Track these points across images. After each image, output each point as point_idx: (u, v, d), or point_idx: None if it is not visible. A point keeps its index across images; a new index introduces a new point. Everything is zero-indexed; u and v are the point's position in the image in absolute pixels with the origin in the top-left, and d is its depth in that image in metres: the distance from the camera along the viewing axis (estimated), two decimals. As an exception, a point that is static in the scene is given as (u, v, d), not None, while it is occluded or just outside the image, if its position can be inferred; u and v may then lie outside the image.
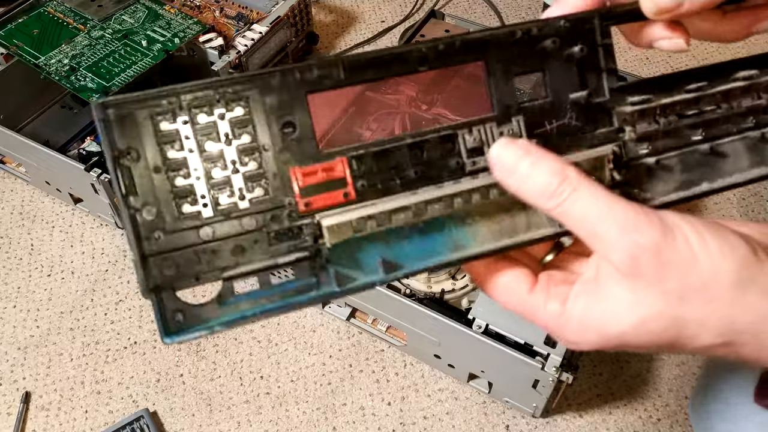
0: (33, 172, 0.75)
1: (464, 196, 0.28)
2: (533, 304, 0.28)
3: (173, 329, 0.25)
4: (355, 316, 0.64)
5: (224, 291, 0.26)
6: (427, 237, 0.28)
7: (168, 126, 0.25)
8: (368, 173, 0.27)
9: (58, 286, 0.69)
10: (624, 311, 0.26)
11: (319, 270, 0.27)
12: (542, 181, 0.26)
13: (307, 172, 0.26)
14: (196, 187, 0.26)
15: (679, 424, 0.57)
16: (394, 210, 0.27)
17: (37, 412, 0.59)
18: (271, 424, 0.58)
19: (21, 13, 0.77)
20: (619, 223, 0.25)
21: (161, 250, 0.25)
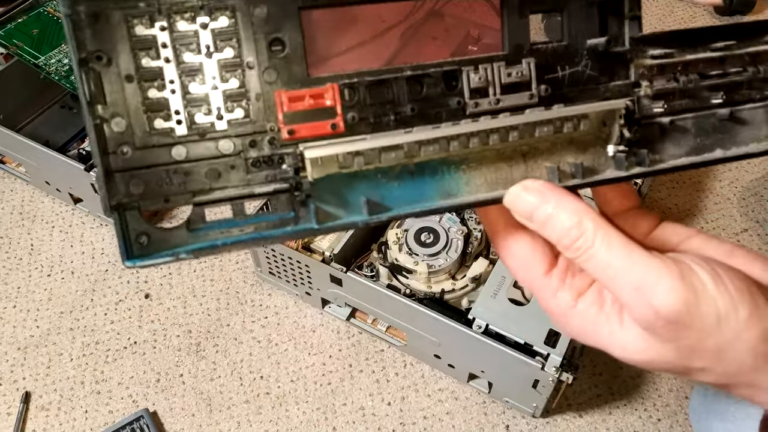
0: (33, 172, 0.75)
1: (462, 139, 0.25)
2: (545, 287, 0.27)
3: (137, 252, 0.23)
4: (355, 316, 0.64)
5: (194, 217, 0.24)
6: (417, 180, 0.26)
7: (144, 31, 0.23)
8: (360, 105, 0.25)
9: (58, 286, 0.69)
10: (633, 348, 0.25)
11: (298, 204, 0.25)
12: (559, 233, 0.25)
13: (294, 96, 0.24)
14: (171, 101, 0.23)
15: (679, 424, 0.57)
16: (385, 148, 0.25)
17: (37, 412, 0.59)
18: (271, 424, 0.58)
19: (21, 12, 0.77)
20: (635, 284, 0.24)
21: (128, 166, 0.23)
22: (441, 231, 0.60)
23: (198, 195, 0.24)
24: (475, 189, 0.26)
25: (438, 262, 0.58)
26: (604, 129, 0.27)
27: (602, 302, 0.26)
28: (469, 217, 0.62)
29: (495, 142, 0.26)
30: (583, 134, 0.27)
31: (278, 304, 0.66)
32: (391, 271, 0.59)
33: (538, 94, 0.26)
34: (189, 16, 0.23)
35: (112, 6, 0.22)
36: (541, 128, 0.26)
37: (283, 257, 0.61)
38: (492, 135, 0.26)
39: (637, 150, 0.27)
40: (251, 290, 0.68)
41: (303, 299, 0.66)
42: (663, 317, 0.24)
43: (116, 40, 0.22)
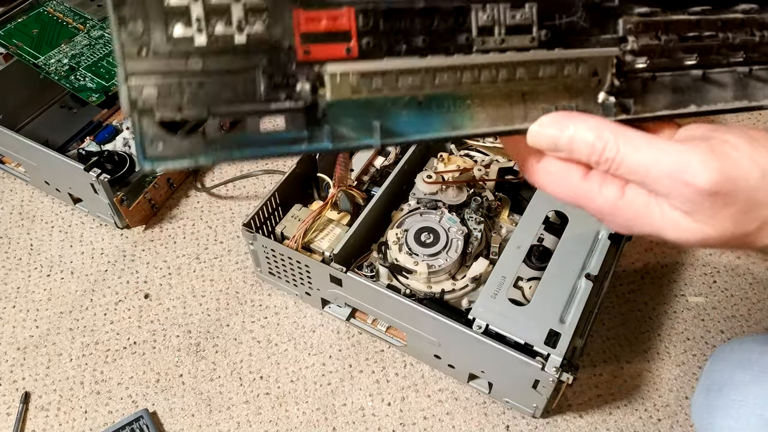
0: (32, 172, 0.75)
1: (472, 72, 0.27)
2: (588, 190, 0.28)
3: (151, 155, 0.23)
4: (355, 316, 0.64)
5: (210, 128, 0.24)
6: (425, 112, 0.27)
7: None
8: (375, 31, 0.26)
9: (57, 287, 0.69)
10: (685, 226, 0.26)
11: (313, 124, 0.25)
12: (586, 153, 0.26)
13: (311, 16, 0.25)
14: (193, 8, 0.23)
15: (679, 424, 0.57)
16: (401, 71, 0.26)
17: (37, 412, 0.59)
18: (270, 425, 0.58)
19: (20, 12, 0.77)
20: (668, 173, 0.25)
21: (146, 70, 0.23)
22: (441, 231, 0.60)
23: (213, 106, 0.24)
24: (479, 124, 0.28)
25: (438, 262, 0.58)
26: (594, 78, 0.29)
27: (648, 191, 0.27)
28: (468, 218, 0.62)
29: (502, 77, 0.27)
30: (576, 80, 0.29)
31: (278, 304, 0.66)
32: (391, 271, 0.59)
33: (539, 38, 0.28)
34: None
35: None
36: (544, 68, 0.28)
37: (282, 257, 0.61)
38: (501, 70, 0.27)
39: (624, 99, 0.30)
40: (251, 290, 0.68)
41: (303, 299, 0.66)
42: (703, 192, 0.24)
43: None
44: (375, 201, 0.62)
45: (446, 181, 0.64)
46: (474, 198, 0.63)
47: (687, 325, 0.64)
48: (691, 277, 0.68)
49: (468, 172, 0.65)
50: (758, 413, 0.43)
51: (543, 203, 0.61)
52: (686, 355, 0.62)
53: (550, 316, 0.52)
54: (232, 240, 0.72)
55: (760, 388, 0.44)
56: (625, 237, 0.60)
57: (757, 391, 0.44)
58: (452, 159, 0.67)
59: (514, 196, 0.66)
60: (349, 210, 0.64)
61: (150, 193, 0.72)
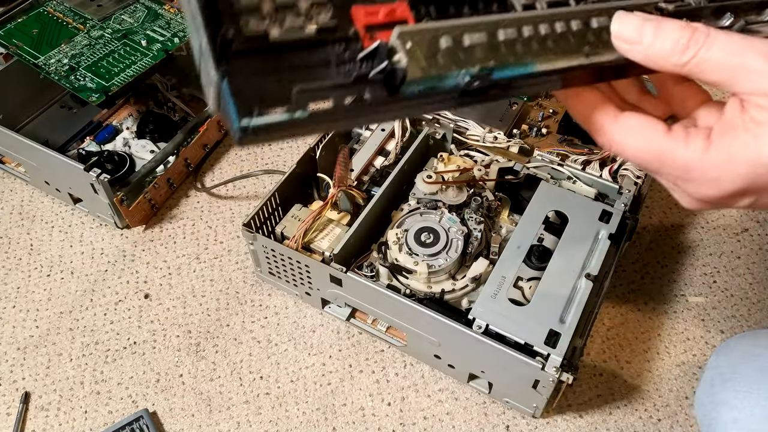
0: (32, 172, 0.75)
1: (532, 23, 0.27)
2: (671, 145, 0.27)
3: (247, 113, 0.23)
4: (355, 316, 0.64)
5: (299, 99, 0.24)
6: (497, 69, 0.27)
7: None
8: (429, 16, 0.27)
9: (57, 286, 0.69)
10: None
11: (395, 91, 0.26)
12: (672, 39, 0.26)
13: (369, 11, 0.26)
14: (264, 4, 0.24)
15: (679, 425, 0.57)
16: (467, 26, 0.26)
17: (37, 412, 0.59)
18: (270, 425, 0.58)
19: (20, 12, 0.77)
20: (762, 53, 0.25)
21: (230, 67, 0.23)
22: (441, 231, 0.60)
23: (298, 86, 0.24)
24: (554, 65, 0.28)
25: (438, 262, 0.58)
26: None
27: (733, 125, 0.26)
28: (468, 218, 0.62)
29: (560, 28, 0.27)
30: None
31: (278, 304, 0.66)
32: (391, 271, 0.59)
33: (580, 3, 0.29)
34: None
35: None
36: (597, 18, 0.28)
37: (282, 257, 0.61)
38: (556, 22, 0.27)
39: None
40: (251, 290, 0.68)
41: (303, 299, 0.66)
42: None
43: None
44: (375, 201, 0.62)
45: (446, 181, 0.64)
46: (474, 198, 0.63)
47: (687, 325, 0.64)
48: (691, 277, 0.68)
49: (468, 172, 0.65)
50: (762, 404, 0.43)
51: (543, 203, 0.61)
52: (686, 355, 0.62)
53: (550, 316, 0.52)
54: (232, 240, 0.72)
55: (765, 380, 0.44)
56: (625, 237, 0.60)
57: (762, 382, 0.44)
58: (452, 159, 0.67)
59: (514, 196, 0.66)
60: (349, 210, 0.65)
61: (150, 193, 0.72)
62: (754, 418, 0.43)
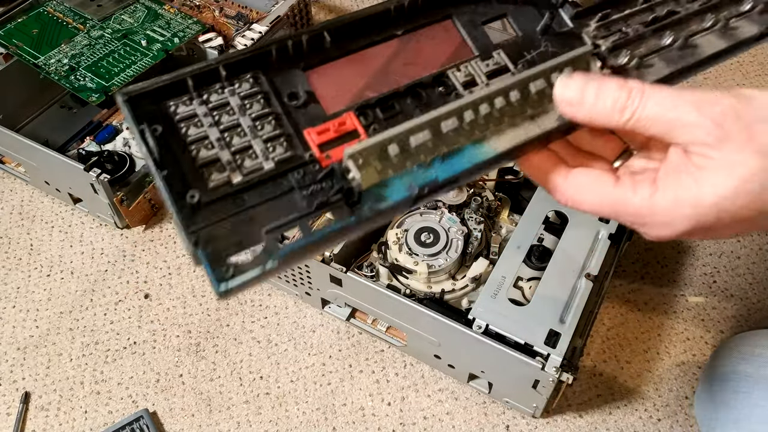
0: (32, 172, 0.75)
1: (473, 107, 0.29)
2: (621, 195, 0.28)
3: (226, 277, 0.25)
4: (355, 317, 0.64)
5: (269, 244, 0.26)
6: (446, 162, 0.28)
7: (184, 108, 0.26)
8: (377, 120, 0.28)
9: (57, 286, 0.69)
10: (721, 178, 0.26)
11: (355, 208, 0.27)
12: (612, 99, 0.27)
13: (320, 130, 0.28)
14: (221, 155, 0.26)
15: (679, 424, 0.57)
16: (411, 129, 0.28)
17: (37, 412, 0.59)
18: (270, 425, 0.58)
19: (20, 12, 0.77)
20: (693, 104, 0.26)
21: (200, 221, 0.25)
22: (441, 231, 0.60)
23: (266, 228, 0.26)
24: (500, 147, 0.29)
25: (438, 262, 0.58)
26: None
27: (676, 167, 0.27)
28: (468, 218, 0.62)
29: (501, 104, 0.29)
30: None
31: (278, 304, 0.66)
32: (391, 271, 0.59)
33: (519, 71, 0.30)
34: (218, 88, 0.27)
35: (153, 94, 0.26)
36: (534, 82, 0.29)
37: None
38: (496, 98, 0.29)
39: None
40: (251, 290, 0.68)
41: (303, 299, 0.66)
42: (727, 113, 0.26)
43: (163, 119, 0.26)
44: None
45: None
46: (474, 198, 0.63)
47: (687, 325, 0.64)
48: (691, 277, 0.68)
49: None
50: (762, 404, 0.43)
51: (543, 203, 0.61)
52: (686, 355, 0.62)
53: (550, 316, 0.52)
54: (232, 240, 0.72)
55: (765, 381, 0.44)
56: (625, 237, 0.60)
57: (762, 382, 0.44)
58: (452, 159, 0.67)
59: (514, 196, 0.66)
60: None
61: (150, 193, 0.72)
62: (754, 418, 0.43)
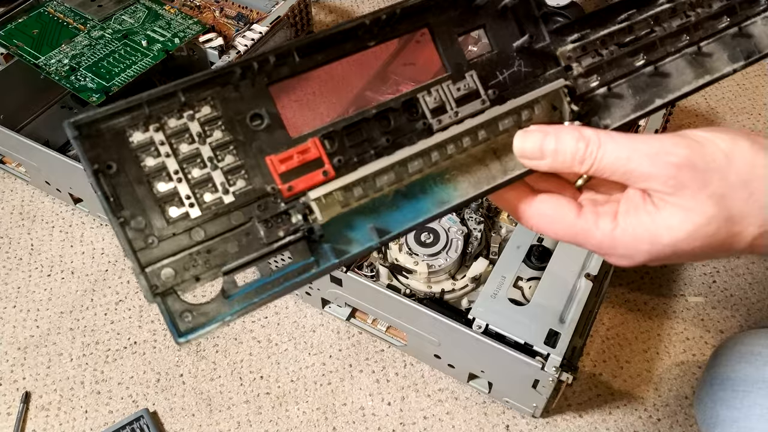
0: (33, 172, 0.75)
1: (439, 149, 0.29)
2: (583, 227, 0.29)
3: (184, 329, 0.25)
4: (355, 316, 0.64)
5: (227, 285, 0.26)
6: (411, 200, 0.28)
7: (141, 136, 0.25)
8: (342, 149, 0.28)
9: (58, 286, 0.69)
10: (677, 221, 0.27)
11: (315, 248, 0.27)
12: (570, 152, 0.28)
13: (283, 158, 0.27)
14: (179, 189, 0.26)
15: (679, 424, 0.57)
16: (376, 173, 0.28)
17: (37, 412, 0.59)
18: (271, 424, 0.58)
19: (21, 12, 0.77)
20: (647, 154, 0.27)
21: (158, 257, 0.25)
22: (441, 231, 0.60)
23: (224, 266, 0.26)
24: (464, 191, 0.29)
25: (438, 262, 0.58)
26: (555, 112, 0.31)
27: (635, 205, 0.28)
28: (468, 218, 0.62)
29: (468, 143, 0.29)
30: (538, 121, 0.30)
31: (278, 304, 0.67)
32: (391, 271, 0.59)
33: (488, 98, 0.30)
34: (176, 114, 0.26)
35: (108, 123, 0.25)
36: (503, 121, 0.30)
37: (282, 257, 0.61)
38: (464, 138, 0.29)
39: (590, 118, 0.31)
40: (251, 290, 0.68)
41: (303, 299, 0.66)
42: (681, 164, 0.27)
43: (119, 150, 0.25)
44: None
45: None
46: (474, 198, 0.63)
47: (687, 324, 0.64)
48: (690, 277, 0.68)
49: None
50: (761, 403, 0.43)
51: (543, 203, 0.61)
52: (686, 355, 0.62)
53: (549, 315, 0.52)
54: (232, 240, 0.72)
55: (765, 380, 0.44)
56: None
57: (761, 382, 0.44)
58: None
59: (514, 196, 0.66)
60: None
61: (150, 193, 0.72)
62: (754, 417, 0.43)
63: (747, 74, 0.89)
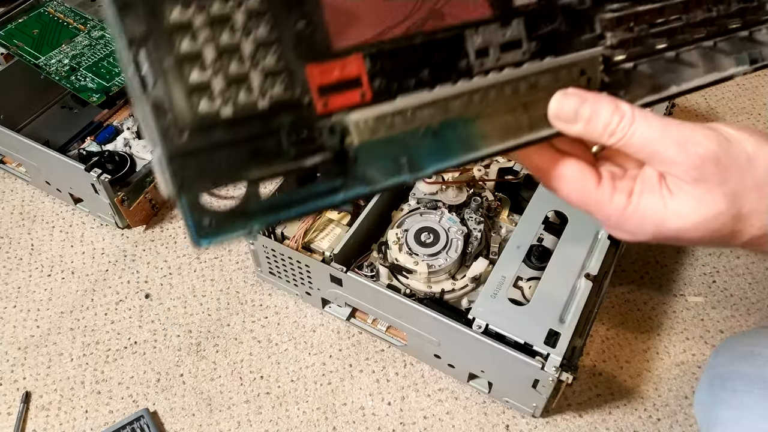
0: (33, 172, 0.75)
1: (478, 93, 0.28)
2: (598, 198, 0.30)
3: (204, 233, 0.24)
4: (355, 316, 0.64)
5: (250, 195, 0.25)
6: (442, 142, 0.28)
7: (181, 14, 0.23)
8: (383, 72, 0.27)
9: (58, 286, 0.69)
10: (687, 212, 0.28)
11: (345, 172, 0.26)
12: (603, 123, 0.29)
13: (324, 69, 0.25)
14: (214, 82, 0.24)
15: (679, 424, 0.57)
16: (415, 106, 0.27)
17: (38, 411, 0.59)
18: (271, 424, 0.58)
19: (21, 13, 0.77)
20: (676, 141, 0.28)
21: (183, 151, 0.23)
22: (441, 231, 0.60)
23: (250, 174, 0.24)
24: (492, 141, 0.29)
25: (438, 262, 0.58)
26: (582, 78, 0.31)
27: (651, 186, 0.29)
28: (468, 218, 0.62)
29: (504, 93, 0.29)
30: (568, 83, 0.30)
31: (278, 303, 0.67)
32: (391, 271, 0.59)
33: (530, 50, 0.30)
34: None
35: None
36: (540, 77, 0.30)
37: (283, 257, 0.61)
38: (502, 87, 0.29)
39: (614, 91, 0.31)
40: (251, 290, 0.68)
41: (303, 299, 0.66)
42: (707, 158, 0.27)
43: (157, 26, 0.23)
44: (375, 201, 0.62)
45: (446, 181, 0.64)
46: (474, 198, 0.63)
47: (686, 324, 0.64)
48: (690, 277, 0.68)
49: (468, 173, 0.65)
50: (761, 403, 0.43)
51: (542, 203, 0.61)
52: (685, 355, 0.62)
53: (549, 315, 0.52)
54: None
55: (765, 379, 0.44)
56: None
57: (761, 382, 0.44)
58: (452, 159, 0.67)
59: (513, 196, 0.67)
60: (350, 210, 0.65)
61: (151, 193, 0.72)
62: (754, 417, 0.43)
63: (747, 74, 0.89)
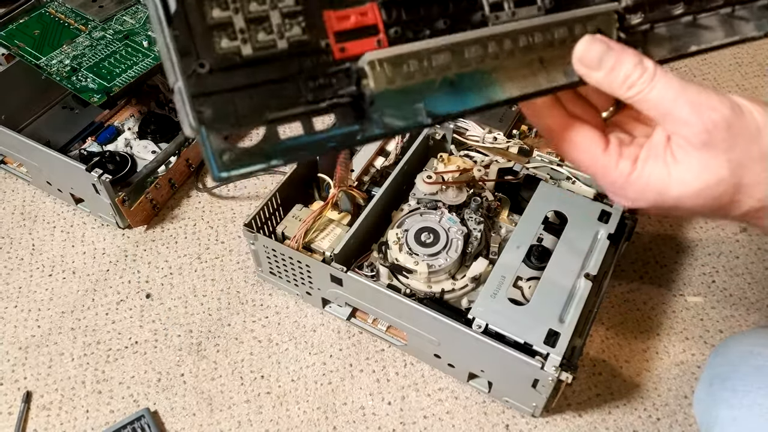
0: (34, 172, 0.75)
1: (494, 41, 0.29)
2: (604, 163, 0.31)
3: (223, 166, 0.24)
4: (355, 316, 0.64)
5: (269, 135, 0.25)
6: (458, 90, 0.28)
7: None
8: (399, 21, 0.27)
9: (59, 286, 0.69)
10: (690, 177, 0.29)
11: (361, 116, 0.26)
12: (624, 74, 0.29)
13: (341, 15, 0.26)
14: (234, 20, 0.24)
15: (679, 424, 0.57)
16: (432, 50, 0.27)
17: (38, 411, 0.60)
18: (271, 424, 0.58)
19: (22, 13, 0.77)
20: (692, 102, 0.28)
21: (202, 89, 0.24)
22: (441, 231, 0.60)
23: (269, 114, 0.25)
24: (508, 89, 0.30)
25: (438, 262, 0.58)
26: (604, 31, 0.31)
27: (656, 153, 0.30)
28: (468, 218, 0.62)
29: (520, 44, 0.29)
30: None
31: (279, 303, 0.67)
32: (392, 271, 0.60)
33: (545, 6, 0.30)
34: None
35: None
36: (556, 30, 0.30)
37: (283, 257, 0.61)
38: (518, 37, 0.29)
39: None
40: (252, 290, 0.68)
41: (303, 299, 0.66)
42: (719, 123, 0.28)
43: None
44: (375, 201, 0.62)
45: (446, 181, 0.64)
46: (474, 198, 0.63)
47: (686, 324, 0.64)
48: (689, 276, 0.68)
49: (468, 173, 0.66)
50: (760, 402, 0.43)
51: (542, 203, 0.61)
52: (685, 355, 0.62)
53: (549, 315, 0.53)
54: (233, 240, 0.72)
55: (764, 378, 0.44)
56: (624, 237, 0.60)
57: (761, 381, 0.44)
58: (452, 159, 0.67)
59: (513, 196, 0.67)
60: (350, 210, 0.65)
61: (151, 194, 0.73)
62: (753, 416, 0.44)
63: (747, 75, 0.89)
